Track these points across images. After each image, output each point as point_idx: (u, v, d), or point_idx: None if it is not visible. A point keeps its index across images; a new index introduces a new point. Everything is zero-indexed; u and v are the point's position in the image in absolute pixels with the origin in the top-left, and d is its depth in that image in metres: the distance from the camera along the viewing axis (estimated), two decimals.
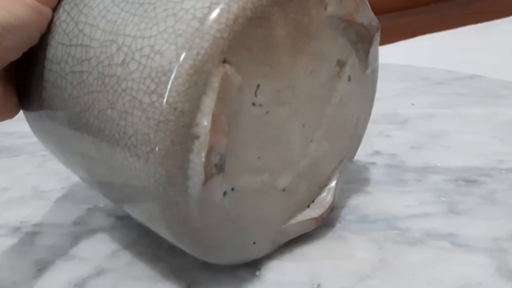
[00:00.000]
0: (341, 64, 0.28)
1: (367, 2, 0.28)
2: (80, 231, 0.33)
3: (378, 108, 0.49)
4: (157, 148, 0.21)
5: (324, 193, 0.31)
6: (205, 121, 0.21)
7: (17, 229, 0.34)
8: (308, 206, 0.30)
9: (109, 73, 0.22)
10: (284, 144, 0.27)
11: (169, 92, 0.21)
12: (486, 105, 0.48)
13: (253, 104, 0.24)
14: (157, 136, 0.21)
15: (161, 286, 0.28)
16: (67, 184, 0.39)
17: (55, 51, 0.25)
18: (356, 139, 0.32)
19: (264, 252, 0.29)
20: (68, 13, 0.25)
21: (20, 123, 0.31)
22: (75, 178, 0.40)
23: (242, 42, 0.22)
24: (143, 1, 0.23)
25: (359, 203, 0.34)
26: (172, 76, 0.21)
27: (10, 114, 0.28)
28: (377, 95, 0.52)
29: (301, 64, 0.25)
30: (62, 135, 0.27)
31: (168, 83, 0.21)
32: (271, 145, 0.26)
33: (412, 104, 0.50)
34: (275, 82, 0.25)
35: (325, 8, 0.25)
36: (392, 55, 1.19)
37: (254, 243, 0.27)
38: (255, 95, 0.24)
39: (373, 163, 0.39)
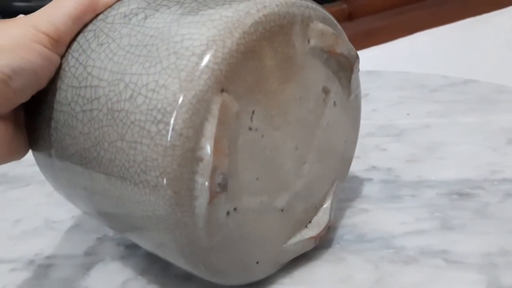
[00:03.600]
0: (326, 91, 0.30)
1: (345, 36, 0.31)
2: (91, 262, 0.35)
3: (375, 120, 0.51)
4: (166, 172, 0.24)
5: (320, 213, 0.33)
6: (208, 145, 0.24)
7: (31, 262, 0.36)
8: (306, 226, 0.32)
9: (118, 108, 0.25)
10: (279, 165, 0.29)
11: (175, 120, 0.23)
12: (480, 113, 0.49)
13: (250, 128, 0.26)
14: (165, 160, 0.23)
15: None
16: (76, 213, 0.41)
17: (65, 93, 0.27)
18: (345, 161, 0.35)
19: (268, 272, 0.31)
20: (77, 59, 0.27)
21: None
22: None
23: (237, 73, 0.25)
24: (146, 43, 0.25)
25: (356, 222, 0.36)
26: (177, 106, 0.23)
27: (18, 155, 0.29)
28: (373, 106, 0.53)
29: (290, 91, 0.28)
30: (71, 172, 0.29)
31: (173, 112, 0.23)
32: (268, 167, 0.28)
33: (408, 114, 0.51)
34: (268, 108, 0.27)
35: (308, 41, 0.28)
36: (391, 54, 1.20)
37: (257, 262, 0.29)
38: (251, 120, 0.26)
39: (370, 179, 0.41)
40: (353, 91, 0.32)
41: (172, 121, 0.23)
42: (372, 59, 1.16)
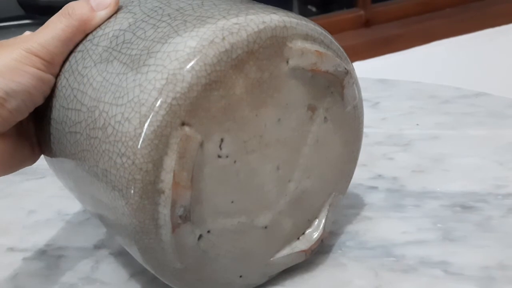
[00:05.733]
0: (313, 108, 0.29)
1: (336, 49, 0.28)
2: (100, 254, 0.36)
3: (384, 128, 0.52)
4: (129, 203, 0.24)
5: (314, 226, 0.32)
6: (167, 178, 0.24)
7: (43, 252, 0.37)
8: (298, 239, 0.32)
9: (94, 135, 0.26)
10: (258, 186, 0.28)
11: (135, 155, 0.24)
12: (489, 126, 0.50)
13: (219, 156, 0.26)
14: (128, 192, 0.24)
15: None
16: None
17: (58, 112, 0.28)
18: (346, 172, 0.33)
19: (255, 283, 0.31)
20: (67, 80, 0.28)
21: None
22: None
23: (199, 106, 0.25)
24: (119, 71, 0.25)
25: (359, 229, 0.37)
26: (136, 141, 0.24)
27: (26, 163, 0.31)
28: (383, 115, 0.54)
29: (266, 115, 0.27)
30: (67, 184, 0.31)
31: (133, 147, 0.24)
32: (244, 189, 0.28)
33: (417, 125, 0.52)
34: (240, 134, 0.27)
35: (287, 62, 0.27)
36: (406, 62, 1.19)
37: (240, 276, 0.30)
38: (220, 148, 0.26)
39: (375, 187, 0.41)
40: (349, 103, 0.30)
41: (132, 156, 0.24)
42: (387, 66, 1.17)
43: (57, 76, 0.28)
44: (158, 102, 0.24)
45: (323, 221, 0.32)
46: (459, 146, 0.47)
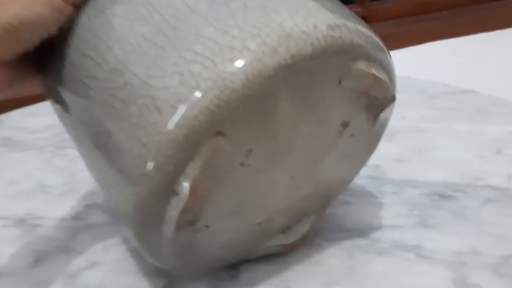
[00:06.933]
0: (345, 125, 0.26)
1: (389, 71, 0.26)
2: (78, 225, 0.36)
3: None
4: (137, 195, 0.22)
5: (302, 222, 0.31)
6: (186, 183, 0.22)
7: (21, 220, 0.37)
8: (284, 232, 0.30)
9: (112, 104, 0.22)
10: (267, 192, 0.27)
11: (158, 152, 0.21)
12: (474, 122, 0.50)
13: (242, 164, 0.24)
14: (138, 185, 0.22)
15: (144, 282, 0.31)
16: (70, 180, 0.42)
17: (70, 50, 0.25)
18: (349, 178, 0.33)
19: (230, 263, 0.31)
20: (88, 18, 0.24)
21: (31, 118, 0.33)
22: (77, 176, 0.43)
23: (240, 116, 0.21)
24: (156, 42, 0.22)
25: (338, 212, 0.37)
26: (163, 139, 0.21)
27: (28, 82, 0.28)
28: None
29: (301, 131, 0.25)
30: (66, 123, 0.28)
31: (159, 143, 0.21)
32: (253, 194, 0.26)
33: (403, 117, 0.52)
34: (269, 147, 0.24)
35: (339, 82, 0.24)
36: (398, 62, 1.20)
37: (219, 259, 0.29)
38: (246, 157, 0.24)
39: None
40: (379, 122, 0.28)
41: (154, 152, 0.21)
42: None
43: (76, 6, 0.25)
44: (200, 106, 0.20)
45: (312, 218, 0.31)
46: (443, 139, 0.47)
